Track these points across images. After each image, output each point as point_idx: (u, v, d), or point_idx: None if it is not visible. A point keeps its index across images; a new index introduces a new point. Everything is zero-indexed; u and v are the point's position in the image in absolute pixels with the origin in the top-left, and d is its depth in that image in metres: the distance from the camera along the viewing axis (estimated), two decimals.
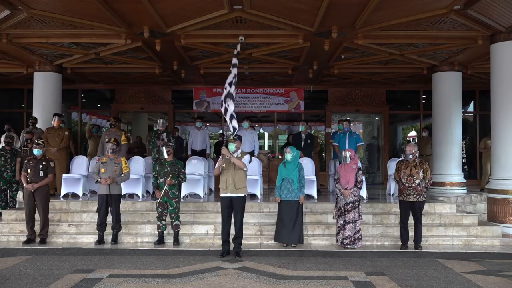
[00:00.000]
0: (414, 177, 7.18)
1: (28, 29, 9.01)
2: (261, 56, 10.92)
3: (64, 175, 9.47)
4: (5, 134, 10.01)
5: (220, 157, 6.94)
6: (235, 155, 6.82)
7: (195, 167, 9.74)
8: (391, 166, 10.07)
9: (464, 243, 7.80)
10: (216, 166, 6.97)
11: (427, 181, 7.22)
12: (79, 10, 8.07)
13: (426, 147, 12.78)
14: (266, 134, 17.42)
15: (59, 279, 5.42)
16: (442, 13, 7.96)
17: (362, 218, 7.39)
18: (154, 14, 8.09)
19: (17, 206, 9.33)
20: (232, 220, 6.84)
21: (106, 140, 7.93)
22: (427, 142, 12.92)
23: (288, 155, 7.35)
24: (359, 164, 7.75)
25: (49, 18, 8.42)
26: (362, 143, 10.83)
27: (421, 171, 7.20)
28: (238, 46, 8.05)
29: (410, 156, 7.30)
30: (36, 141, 7.84)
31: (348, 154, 7.48)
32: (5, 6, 7.71)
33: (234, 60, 7.96)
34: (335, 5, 7.66)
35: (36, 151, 7.53)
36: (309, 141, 10.58)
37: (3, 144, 9.66)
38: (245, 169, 6.81)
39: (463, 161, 12.81)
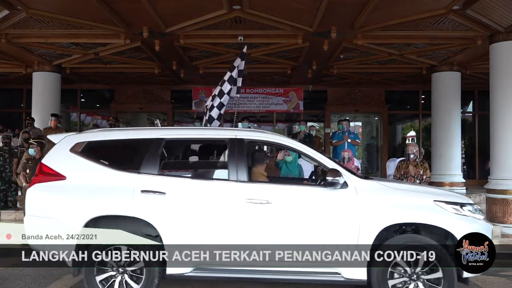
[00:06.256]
0: (415, 176, 7.18)
1: (27, 29, 8.99)
2: (260, 56, 10.91)
3: None
4: (2, 134, 9.97)
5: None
6: None
7: None
8: (390, 166, 10.07)
9: None
10: None
11: (425, 177, 7.21)
12: (78, 10, 8.07)
13: None
14: None
15: (58, 279, 5.42)
16: (441, 13, 7.97)
17: None
18: (153, 14, 8.08)
19: (18, 206, 9.29)
20: None
21: None
22: None
23: (289, 157, 7.34)
24: (358, 164, 7.78)
25: (48, 18, 8.41)
26: (359, 141, 10.82)
27: (421, 170, 7.20)
28: (245, 48, 7.98)
29: (411, 156, 7.31)
30: (30, 141, 7.84)
31: (347, 154, 7.51)
32: (4, 6, 7.70)
33: (238, 62, 7.79)
34: (334, 5, 7.65)
35: (31, 151, 7.52)
36: (307, 140, 10.54)
37: (1, 144, 9.63)
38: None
39: (462, 161, 12.82)
